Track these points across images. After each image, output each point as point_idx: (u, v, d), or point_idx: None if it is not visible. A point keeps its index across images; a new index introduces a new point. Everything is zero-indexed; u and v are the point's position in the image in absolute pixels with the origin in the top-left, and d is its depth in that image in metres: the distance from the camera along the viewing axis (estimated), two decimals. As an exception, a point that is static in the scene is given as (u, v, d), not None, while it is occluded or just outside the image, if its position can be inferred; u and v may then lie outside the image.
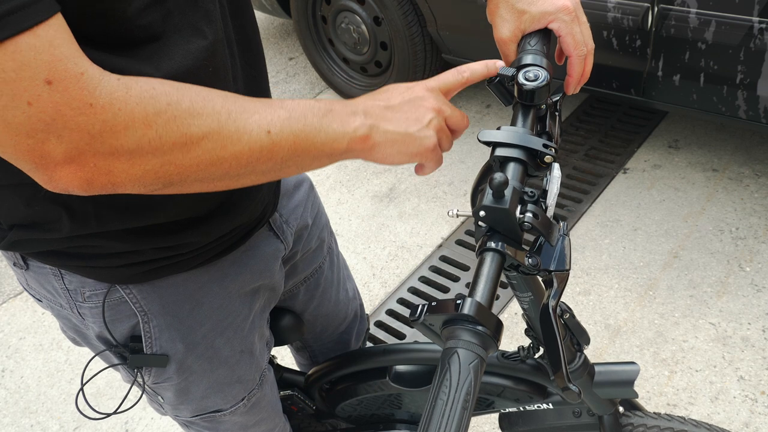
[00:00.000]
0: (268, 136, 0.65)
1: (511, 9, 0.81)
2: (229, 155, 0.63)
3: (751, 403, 1.85)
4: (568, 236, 0.74)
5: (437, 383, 0.57)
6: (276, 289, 1.04)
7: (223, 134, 0.62)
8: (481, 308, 0.60)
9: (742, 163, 2.64)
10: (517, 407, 1.13)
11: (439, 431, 0.53)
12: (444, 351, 0.59)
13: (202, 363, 0.95)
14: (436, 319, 0.62)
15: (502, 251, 0.67)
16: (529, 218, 0.68)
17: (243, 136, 0.64)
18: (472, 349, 0.58)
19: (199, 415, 1.03)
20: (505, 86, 0.79)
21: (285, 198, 1.04)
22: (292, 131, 0.67)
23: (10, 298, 2.59)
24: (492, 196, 0.67)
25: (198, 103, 0.61)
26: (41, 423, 2.14)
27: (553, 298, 0.71)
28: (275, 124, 0.66)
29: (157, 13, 0.64)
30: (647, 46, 2.25)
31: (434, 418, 0.54)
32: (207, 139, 0.61)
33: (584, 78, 0.83)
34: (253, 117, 0.64)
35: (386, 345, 1.18)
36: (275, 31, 4.19)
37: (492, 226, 0.69)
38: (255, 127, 0.64)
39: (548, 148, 0.71)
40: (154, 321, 0.88)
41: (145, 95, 0.57)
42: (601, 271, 2.31)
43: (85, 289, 0.83)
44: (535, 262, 0.71)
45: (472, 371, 0.57)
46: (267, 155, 0.66)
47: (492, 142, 0.73)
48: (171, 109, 0.58)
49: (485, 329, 0.59)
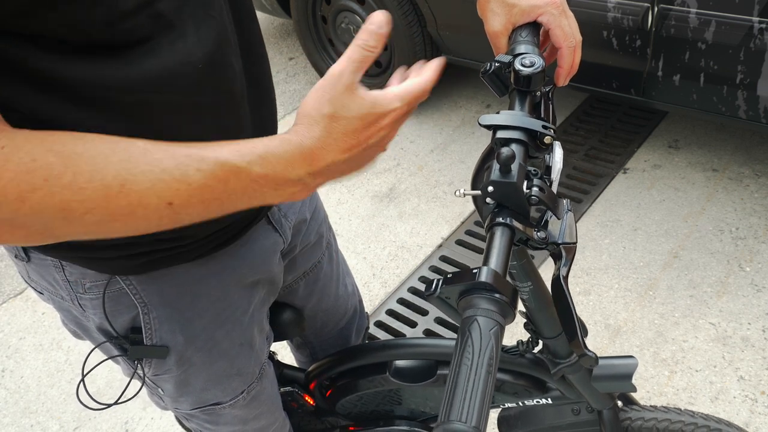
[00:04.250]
0: (169, 208, 0.59)
1: (501, 3, 0.84)
2: (121, 224, 0.59)
3: (751, 403, 1.85)
4: (572, 212, 0.76)
5: (459, 352, 0.57)
6: (275, 283, 1.04)
7: (111, 209, 0.56)
8: (498, 276, 0.61)
9: (742, 163, 2.64)
10: (516, 402, 1.13)
11: (465, 395, 0.53)
12: (463, 320, 0.59)
13: (202, 355, 0.95)
14: (452, 291, 0.62)
15: (512, 225, 0.69)
16: (536, 192, 0.70)
17: (137, 209, 0.57)
18: (492, 317, 0.58)
19: (198, 407, 1.03)
20: (499, 76, 0.81)
21: None
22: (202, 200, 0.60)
23: (10, 298, 2.59)
24: (499, 171, 0.69)
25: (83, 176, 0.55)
26: (41, 423, 2.14)
27: (564, 268, 0.72)
28: (180, 195, 0.58)
29: (143, 16, 0.63)
30: (647, 46, 2.25)
31: (460, 383, 0.54)
32: (91, 214, 0.56)
33: (573, 69, 0.86)
34: (154, 186, 0.57)
35: (386, 340, 1.19)
36: (275, 31, 4.19)
37: (500, 201, 0.70)
38: (154, 199, 0.57)
39: (547, 129, 0.72)
40: (154, 312, 0.88)
41: (22, 169, 0.52)
42: (601, 271, 2.31)
43: (85, 280, 0.84)
44: (544, 236, 0.72)
45: (493, 337, 0.57)
46: (169, 222, 0.60)
47: (493, 125, 0.74)
48: (48, 185, 0.53)
49: (502, 296, 0.59)
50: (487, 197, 0.70)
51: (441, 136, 3.11)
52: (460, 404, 0.53)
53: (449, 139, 3.08)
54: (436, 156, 3.00)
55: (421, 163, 2.96)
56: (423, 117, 3.25)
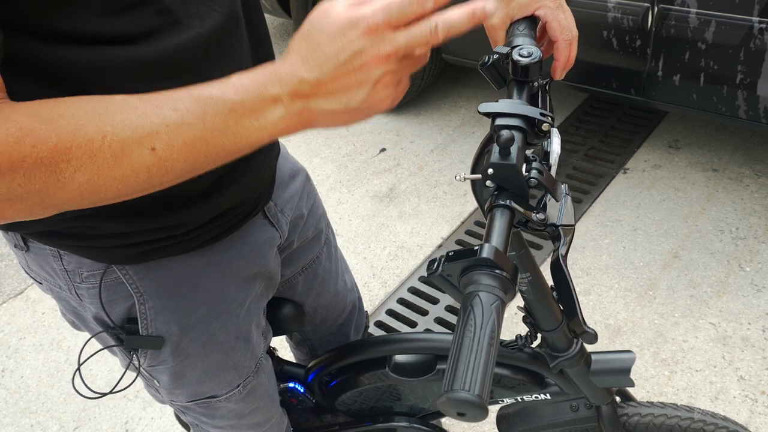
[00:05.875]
0: (152, 153, 0.58)
1: None
2: (111, 181, 0.58)
3: (751, 403, 1.85)
4: (570, 195, 0.77)
5: (461, 326, 0.57)
6: (272, 278, 1.05)
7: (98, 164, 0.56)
8: (499, 252, 0.61)
9: (742, 163, 2.64)
10: (515, 397, 1.13)
11: (468, 366, 0.54)
12: (465, 296, 0.60)
13: (197, 347, 0.95)
14: (454, 268, 0.62)
15: (511, 206, 0.70)
16: (535, 174, 0.71)
17: (122, 161, 0.57)
18: (493, 292, 0.59)
19: (194, 400, 1.03)
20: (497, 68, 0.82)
21: (280, 188, 1.05)
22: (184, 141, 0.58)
23: (10, 298, 2.59)
24: (499, 154, 0.69)
25: (66, 135, 0.55)
26: (41, 423, 2.14)
27: (563, 248, 0.73)
28: (161, 138, 0.57)
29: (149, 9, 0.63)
30: (647, 46, 2.25)
31: (462, 354, 0.55)
32: (80, 172, 0.56)
33: (569, 63, 0.87)
34: (134, 133, 0.57)
35: (385, 335, 1.19)
36: (275, 31, 4.20)
37: (500, 183, 0.71)
38: (136, 147, 0.57)
39: (545, 116, 0.73)
40: (149, 302, 0.89)
41: (10, 140, 0.53)
42: (601, 271, 2.31)
43: (82, 269, 0.84)
44: (543, 217, 0.73)
45: (495, 311, 0.57)
46: (159, 172, 0.59)
47: (492, 113, 0.75)
48: (36, 151, 0.54)
49: (503, 272, 0.60)
50: (487, 180, 0.71)
51: (441, 136, 3.11)
52: (464, 374, 0.53)
53: (449, 139, 3.08)
54: (436, 156, 3.00)
55: (421, 163, 2.97)
56: (423, 117, 3.25)
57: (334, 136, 3.23)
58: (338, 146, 3.16)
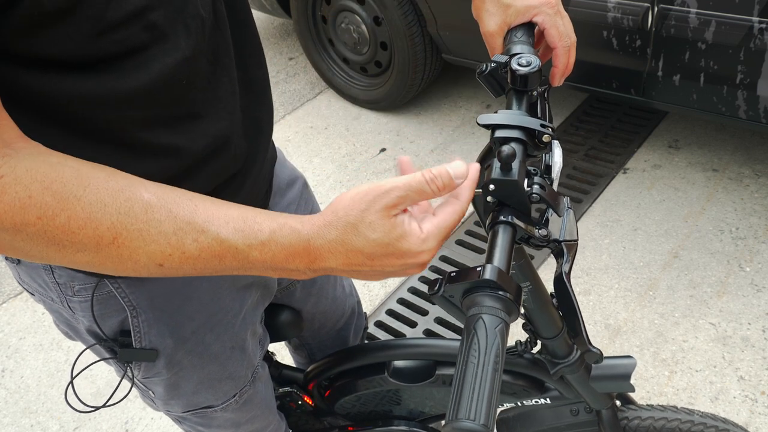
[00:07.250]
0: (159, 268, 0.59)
1: (497, 3, 0.85)
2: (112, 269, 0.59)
3: (751, 403, 1.85)
4: (572, 209, 0.76)
5: (465, 350, 0.56)
6: (268, 286, 1.04)
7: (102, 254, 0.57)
8: (502, 273, 0.60)
9: (742, 163, 2.64)
10: (515, 402, 1.13)
11: (473, 393, 0.53)
12: (468, 319, 0.59)
13: (192, 358, 0.94)
14: (456, 289, 0.61)
15: (514, 223, 0.69)
16: (537, 189, 0.70)
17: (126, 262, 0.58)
18: (497, 314, 0.58)
19: (190, 410, 1.03)
20: (495, 77, 0.81)
21: (277, 196, 1.04)
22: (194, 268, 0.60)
23: (10, 298, 2.59)
24: (500, 169, 0.68)
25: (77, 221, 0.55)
26: (41, 423, 2.14)
27: (566, 265, 0.72)
28: (173, 259, 0.58)
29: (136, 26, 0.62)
30: (647, 46, 2.25)
31: (467, 381, 0.54)
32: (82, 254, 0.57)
33: (568, 69, 0.86)
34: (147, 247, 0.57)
35: (385, 340, 1.18)
36: (275, 31, 4.19)
37: (501, 199, 0.70)
38: (144, 258, 0.58)
39: (546, 128, 0.72)
40: (142, 315, 0.87)
41: (17, 204, 0.53)
42: (601, 271, 2.31)
43: (74, 283, 0.83)
44: (545, 233, 0.72)
45: (499, 335, 0.56)
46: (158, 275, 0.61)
47: (491, 125, 0.74)
48: (41, 222, 0.54)
49: (507, 294, 0.59)
50: (489, 195, 0.70)
51: (441, 136, 3.11)
52: (468, 402, 0.53)
53: (449, 139, 3.08)
54: (436, 156, 3.00)
55: (421, 163, 2.96)
56: (423, 117, 3.25)
57: (334, 136, 3.23)
58: (338, 146, 3.16)
